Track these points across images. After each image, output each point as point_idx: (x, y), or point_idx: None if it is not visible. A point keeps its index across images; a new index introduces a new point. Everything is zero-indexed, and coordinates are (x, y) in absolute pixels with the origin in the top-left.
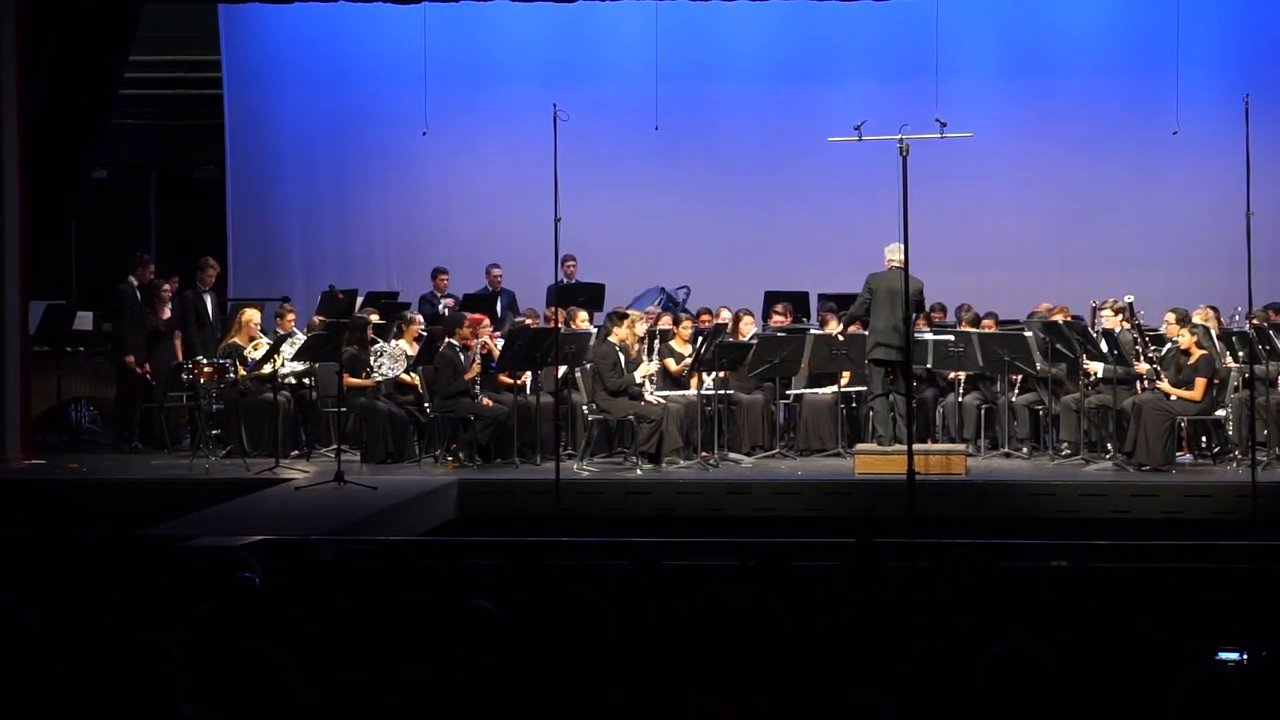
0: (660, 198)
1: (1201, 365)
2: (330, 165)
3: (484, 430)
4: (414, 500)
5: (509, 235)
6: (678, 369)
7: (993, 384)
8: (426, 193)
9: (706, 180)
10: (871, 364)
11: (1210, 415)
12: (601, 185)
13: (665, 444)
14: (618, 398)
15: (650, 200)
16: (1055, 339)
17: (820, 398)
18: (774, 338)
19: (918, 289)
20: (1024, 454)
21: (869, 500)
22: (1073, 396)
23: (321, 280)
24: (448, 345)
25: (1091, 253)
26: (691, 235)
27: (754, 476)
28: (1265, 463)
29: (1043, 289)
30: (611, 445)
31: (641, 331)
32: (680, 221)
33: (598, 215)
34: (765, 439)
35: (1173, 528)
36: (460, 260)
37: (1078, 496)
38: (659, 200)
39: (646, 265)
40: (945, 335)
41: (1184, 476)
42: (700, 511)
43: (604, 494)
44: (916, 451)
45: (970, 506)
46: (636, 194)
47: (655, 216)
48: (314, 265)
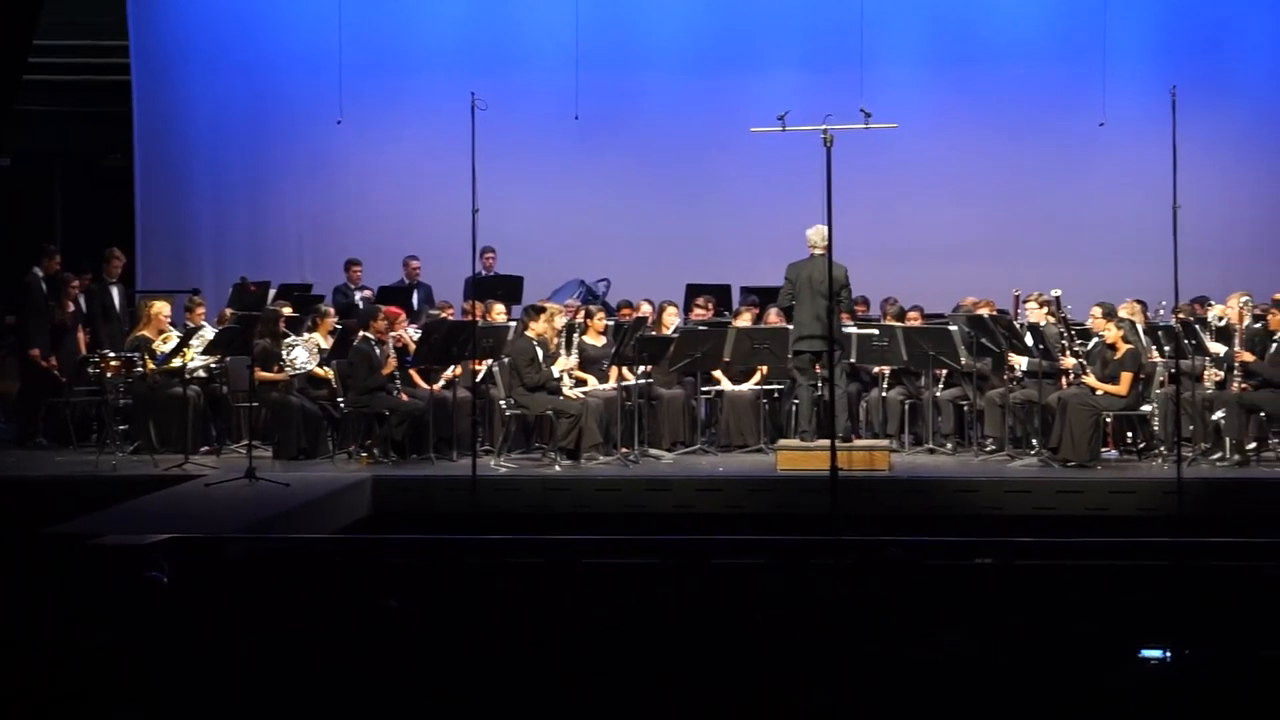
0: (580, 188)
1: (1127, 360)
2: (242, 154)
3: (399, 426)
4: (327, 497)
5: (426, 227)
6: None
7: (917, 379)
8: (341, 183)
9: (627, 170)
10: (795, 356)
11: (1136, 410)
12: (520, 176)
13: (584, 440)
14: (536, 393)
15: (570, 191)
16: (980, 333)
17: (741, 393)
18: (695, 332)
19: (840, 276)
20: (948, 450)
21: (791, 497)
22: (997, 391)
23: (233, 272)
24: (362, 339)
25: (1018, 245)
26: (612, 226)
27: (674, 473)
28: (1190, 458)
29: (968, 282)
30: (530, 441)
31: (560, 325)
32: (600, 213)
33: (516, 206)
34: (686, 435)
35: (1097, 524)
36: (376, 252)
37: (1002, 493)
38: (579, 191)
39: (566, 257)
40: (869, 329)
41: (1109, 473)
42: (620, 508)
43: (522, 491)
44: (840, 448)
45: (894, 503)
46: (556, 185)
47: (575, 208)
48: (225, 256)
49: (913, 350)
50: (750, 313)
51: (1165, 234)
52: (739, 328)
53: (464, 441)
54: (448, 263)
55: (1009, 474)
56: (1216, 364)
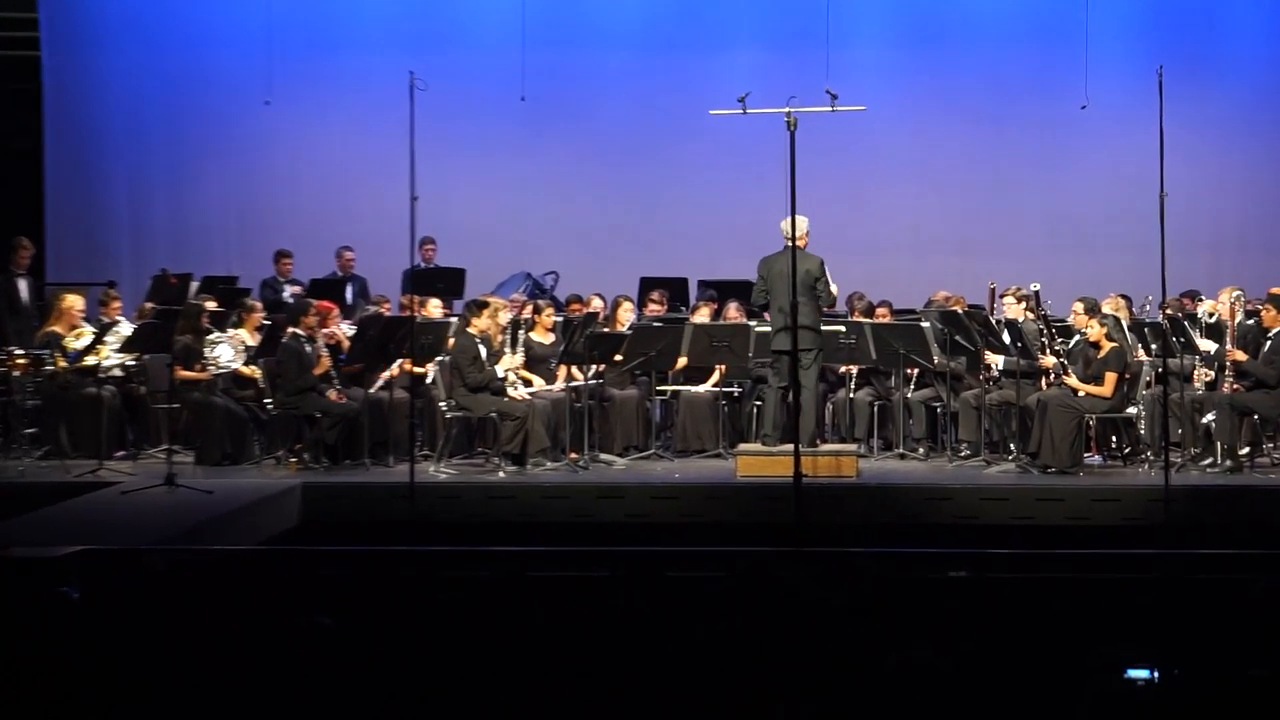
0: (527, 175)
1: (1111, 359)
2: (163, 136)
3: (331, 429)
4: (253, 505)
5: (361, 215)
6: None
7: (887, 379)
8: (270, 168)
9: (577, 156)
10: (773, 355)
11: (1121, 413)
12: (463, 161)
13: (531, 444)
14: (478, 393)
15: (516, 178)
16: (954, 330)
17: (699, 394)
18: (650, 328)
19: (814, 267)
20: (920, 455)
21: (752, 505)
22: (973, 392)
23: (152, 263)
24: (292, 336)
25: (994, 237)
26: (561, 216)
27: (627, 479)
28: (1179, 464)
29: (941, 276)
30: (472, 445)
31: (505, 321)
32: (548, 201)
33: (458, 194)
34: (639, 438)
35: (1079, 535)
36: (307, 242)
37: (978, 501)
38: (525, 178)
39: (511, 249)
40: (835, 326)
41: (1092, 479)
42: (568, 518)
43: (463, 499)
44: (804, 453)
45: (862, 512)
46: (501, 171)
47: (521, 196)
48: (143, 246)
49: (882, 349)
50: (708, 308)
51: (1152, 224)
52: (696, 324)
53: (401, 446)
54: (384, 254)
55: (985, 481)
56: (1207, 363)
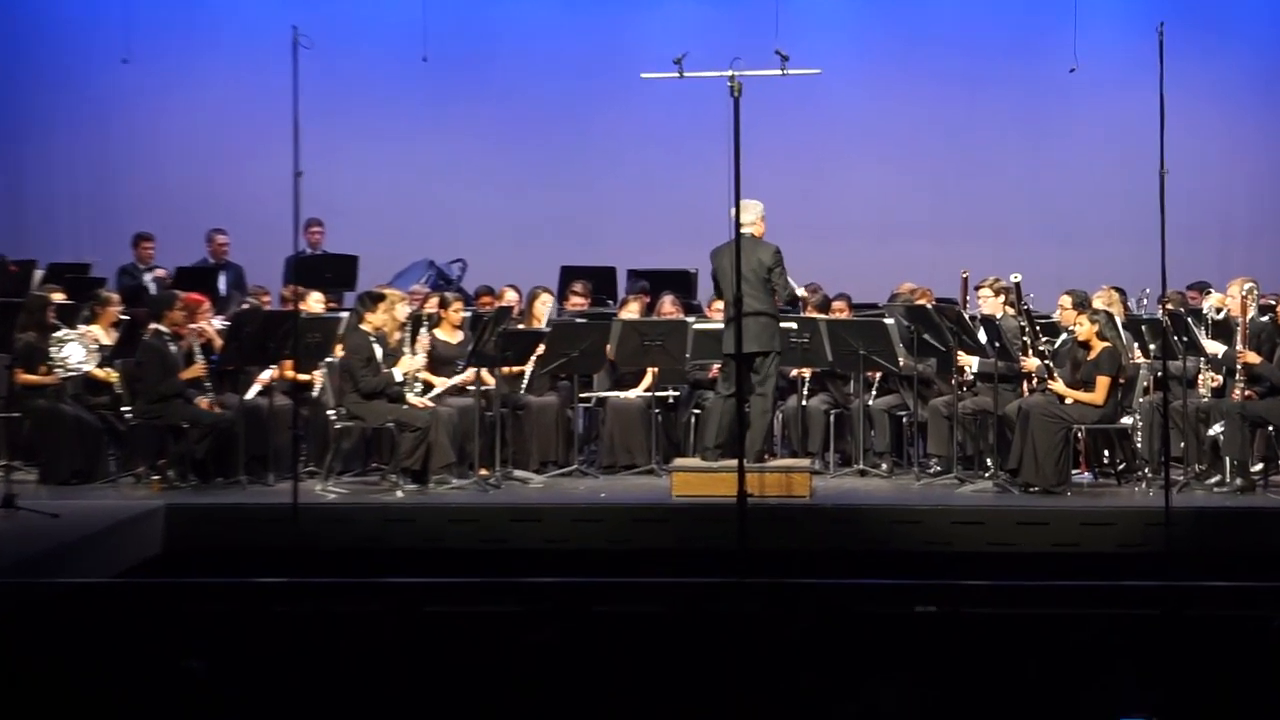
0: (430, 148)
1: (1103, 361)
2: None
3: (200, 441)
4: (108, 531)
5: (235, 193)
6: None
7: (845, 384)
8: (128, 137)
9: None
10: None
11: (1114, 423)
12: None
13: (434, 458)
14: (373, 400)
15: (417, 151)
16: (922, 327)
17: (629, 401)
18: (571, 324)
19: (767, 257)
20: (883, 471)
21: (689, 529)
22: (944, 400)
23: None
24: (154, 333)
25: (968, 220)
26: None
27: (546, 499)
28: (1182, 483)
29: (908, 265)
30: (365, 460)
31: (404, 316)
32: (455, 178)
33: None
34: (560, 452)
35: (1066, 564)
36: (172, 224)
37: (949, 525)
38: (428, 151)
39: (411, 233)
40: (786, 323)
41: (1081, 500)
42: (477, 544)
43: (355, 522)
44: (750, 469)
45: (816, 537)
46: (399, 142)
47: (423, 172)
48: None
49: (839, 349)
50: (639, 302)
51: (1150, 205)
52: (626, 321)
53: (283, 461)
54: (263, 238)
55: (957, 502)
56: (1214, 366)
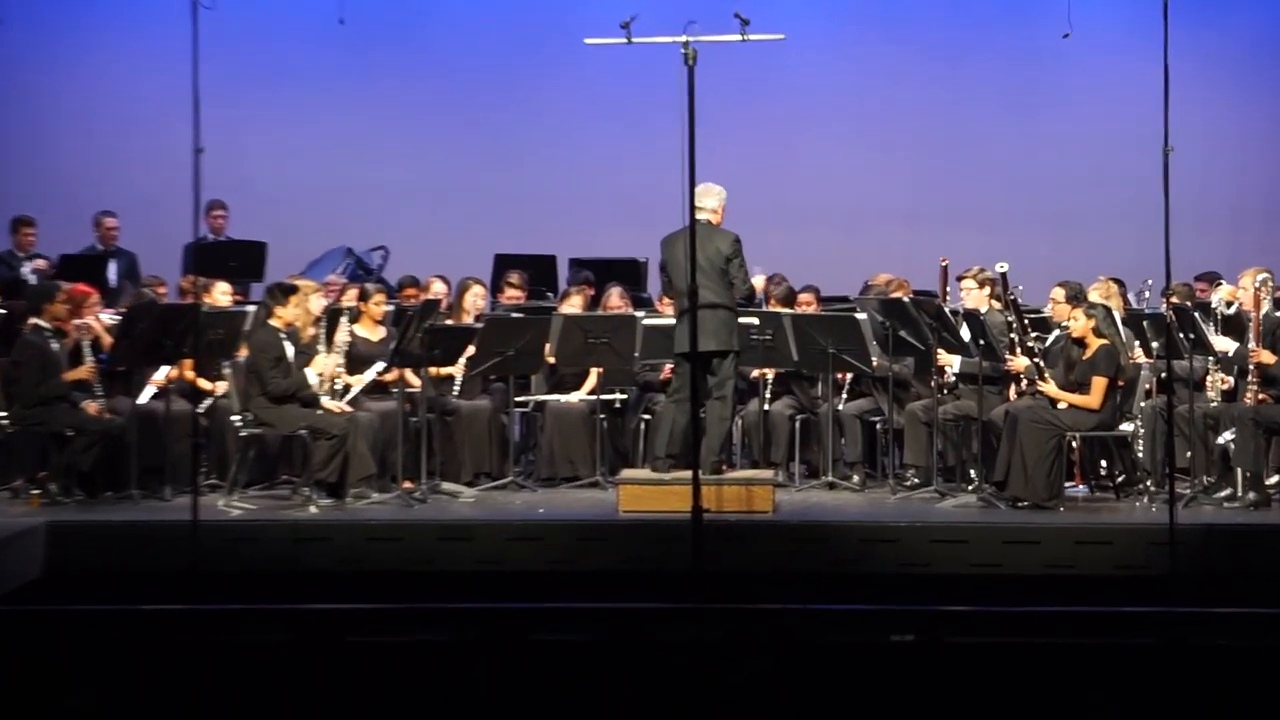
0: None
1: (1100, 360)
2: None
3: (87, 450)
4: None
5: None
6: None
7: (811, 386)
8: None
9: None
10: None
11: (1112, 430)
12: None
13: (352, 469)
14: (283, 404)
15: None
16: (898, 323)
17: (571, 406)
18: (506, 320)
19: (721, 246)
20: (855, 484)
21: (638, 549)
22: (922, 404)
23: None
24: (33, 329)
25: (950, 203)
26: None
27: (477, 515)
28: (1188, 497)
29: (882, 253)
30: (275, 472)
31: (318, 310)
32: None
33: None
34: (493, 463)
35: (1059, 588)
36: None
37: (928, 544)
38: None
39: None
40: (746, 319)
41: (1075, 516)
42: (400, 565)
43: (263, 541)
44: (706, 481)
45: (780, 557)
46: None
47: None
48: None
49: (806, 347)
50: (582, 295)
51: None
52: (568, 315)
53: (181, 473)
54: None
55: (937, 518)
56: (1224, 367)
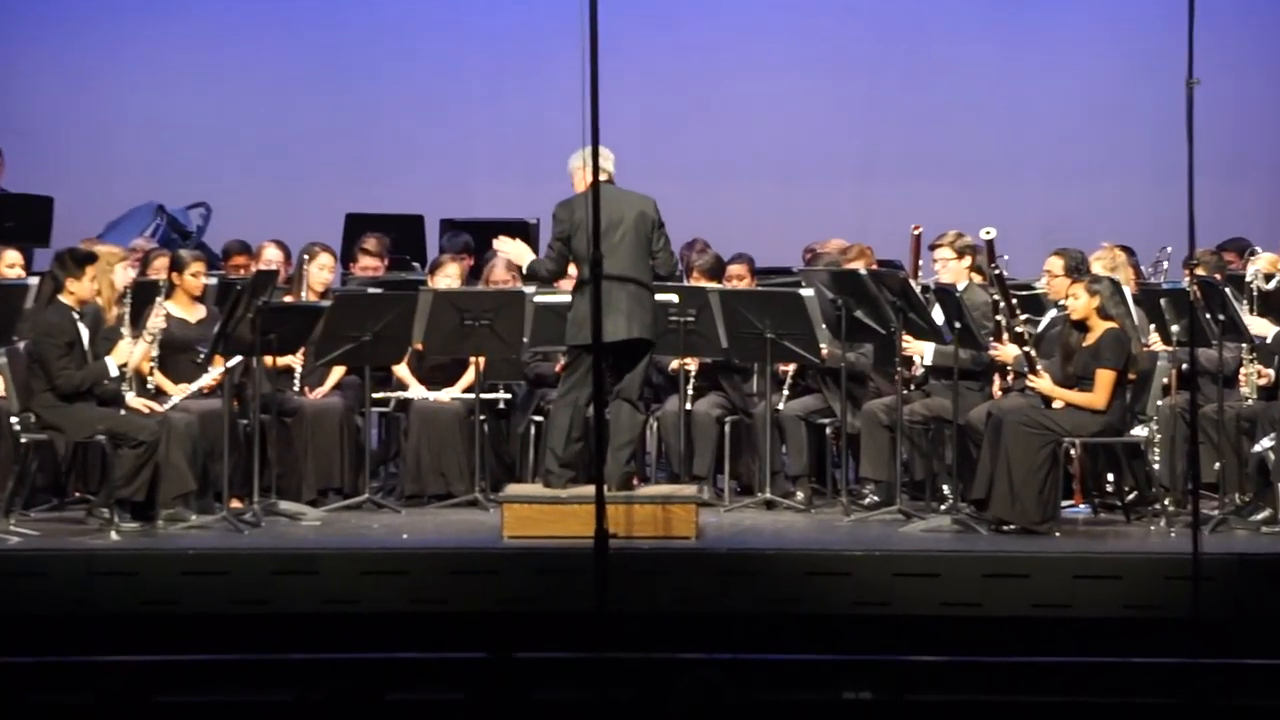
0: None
1: (1106, 348)
2: None
3: None
4: None
5: None
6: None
7: (745, 381)
8: None
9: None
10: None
11: (1121, 436)
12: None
13: (164, 485)
14: (76, 403)
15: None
16: (855, 301)
17: (443, 406)
18: (361, 296)
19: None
20: (799, 502)
21: (526, 584)
22: (883, 403)
23: None
24: None
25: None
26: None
27: (325, 543)
28: (1216, 519)
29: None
30: (64, 489)
31: (122, 283)
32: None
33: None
34: (345, 477)
35: (1053, 633)
36: None
37: (889, 578)
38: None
39: (132, 166)
40: (662, 295)
41: (1074, 543)
42: (226, 606)
43: (50, 576)
44: (612, 499)
45: (705, 595)
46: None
47: (148, 79)
48: None
49: (737, 331)
50: (459, 265)
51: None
52: (440, 292)
53: None
54: None
55: (902, 545)
56: (1262, 356)
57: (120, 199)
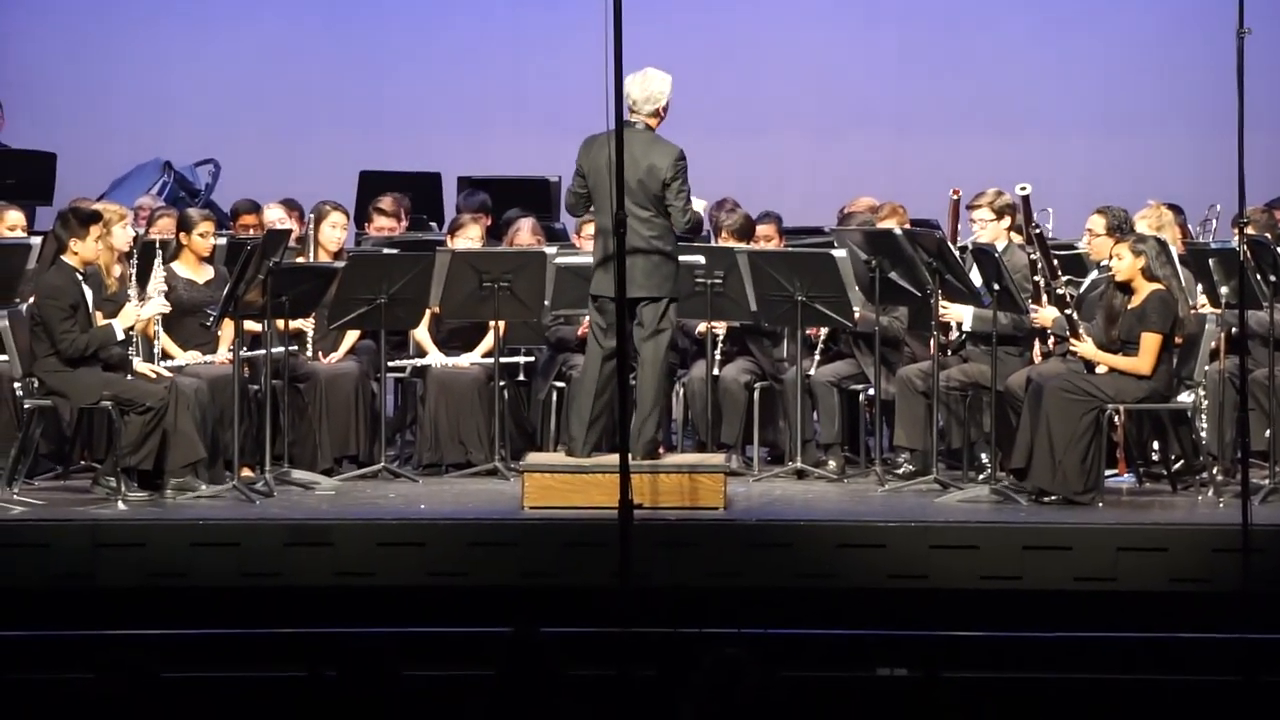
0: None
1: (1152, 311)
2: None
3: None
4: None
5: None
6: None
7: (775, 345)
8: None
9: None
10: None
11: (1167, 402)
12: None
13: (173, 453)
14: (81, 367)
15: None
16: (888, 262)
17: (462, 372)
18: (377, 258)
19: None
20: (831, 471)
21: (547, 556)
22: (919, 368)
23: None
24: None
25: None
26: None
27: (338, 513)
28: (1267, 489)
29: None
30: (69, 456)
31: (127, 243)
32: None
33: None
34: (360, 445)
35: (1097, 607)
36: None
37: (926, 550)
38: None
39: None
40: (688, 256)
41: (1118, 514)
42: (236, 579)
43: (55, 548)
44: (637, 469)
45: (733, 567)
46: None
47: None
48: None
49: (767, 294)
50: (478, 225)
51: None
52: (458, 252)
53: None
54: None
55: (939, 516)
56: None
57: (125, 155)
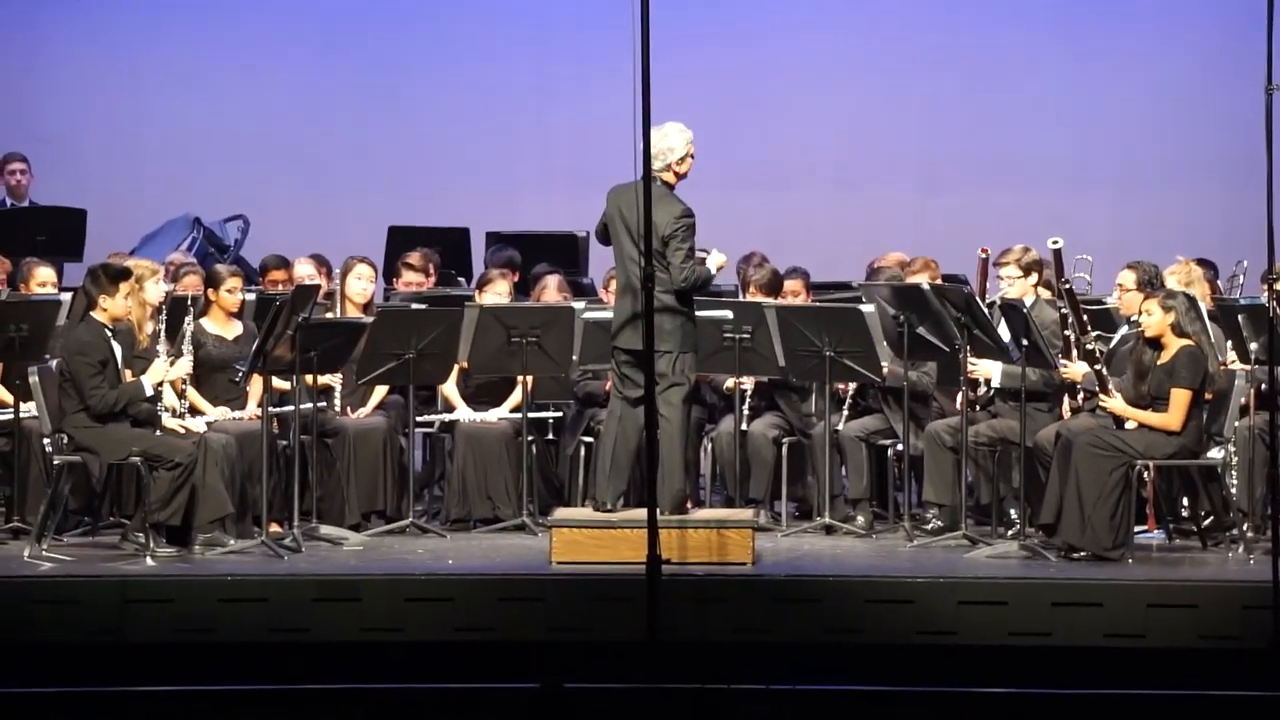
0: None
1: (1182, 367)
2: None
3: None
4: None
5: None
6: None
7: (803, 400)
8: None
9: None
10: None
11: (1197, 458)
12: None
13: (201, 509)
14: (110, 424)
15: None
16: (917, 317)
17: (490, 427)
18: (405, 313)
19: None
20: (859, 527)
21: (577, 612)
22: (947, 424)
23: None
24: None
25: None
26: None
27: (366, 568)
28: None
29: (895, 226)
30: (98, 512)
31: (157, 299)
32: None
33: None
34: (389, 500)
35: (1126, 664)
36: None
37: (955, 606)
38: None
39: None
40: (715, 311)
41: (1148, 570)
42: (265, 634)
43: (83, 604)
44: (665, 524)
45: (761, 622)
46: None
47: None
48: None
49: (795, 349)
50: (506, 280)
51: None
52: (485, 308)
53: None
54: None
55: (968, 572)
56: None
57: (155, 211)
